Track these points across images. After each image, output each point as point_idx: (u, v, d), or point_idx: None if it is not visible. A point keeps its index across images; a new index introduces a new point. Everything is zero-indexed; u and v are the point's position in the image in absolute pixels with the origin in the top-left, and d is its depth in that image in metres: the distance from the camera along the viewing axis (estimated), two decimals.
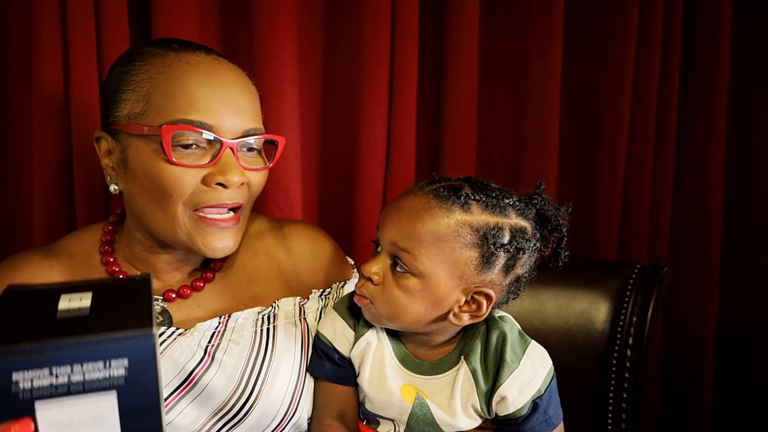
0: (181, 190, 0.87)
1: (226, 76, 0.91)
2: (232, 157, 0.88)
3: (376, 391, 0.90)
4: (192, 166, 0.87)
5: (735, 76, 1.61)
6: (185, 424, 0.87)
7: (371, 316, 0.89)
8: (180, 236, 0.89)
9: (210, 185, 0.87)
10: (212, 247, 0.90)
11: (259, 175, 0.94)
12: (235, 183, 0.88)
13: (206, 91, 0.87)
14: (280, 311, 0.97)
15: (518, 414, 0.85)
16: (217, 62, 0.92)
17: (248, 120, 0.90)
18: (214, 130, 0.87)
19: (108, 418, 0.61)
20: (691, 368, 1.68)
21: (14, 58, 1.18)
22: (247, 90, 0.93)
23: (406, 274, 0.84)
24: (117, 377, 0.61)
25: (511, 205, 0.85)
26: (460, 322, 0.86)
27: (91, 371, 0.60)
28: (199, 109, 0.86)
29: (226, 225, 0.90)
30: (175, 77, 0.88)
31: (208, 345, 0.90)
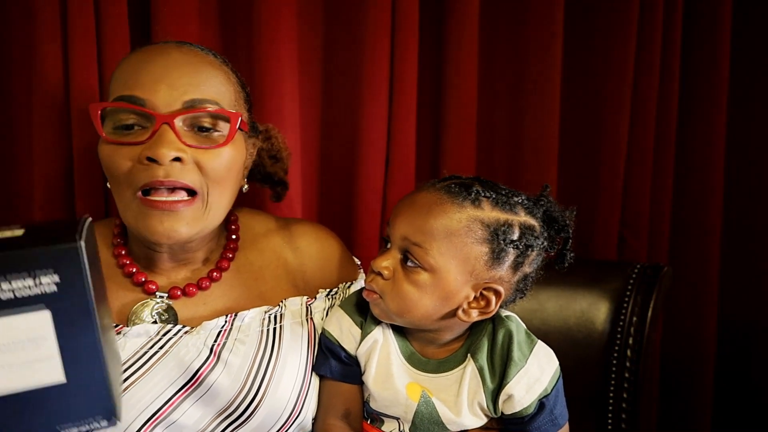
0: (118, 169, 0.85)
1: (169, 54, 0.88)
2: (168, 131, 0.84)
3: (381, 389, 0.90)
4: (125, 142, 0.85)
5: (735, 76, 1.61)
6: (190, 423, 0.87)
7: (380, 311, 0.89)
8: (131, 222, 0.87)
9: (142, 161, 0.84)
10: (153, 231, 0.85)
11: (212, 155, 0.87)
12: (165, 156, 0.82)
13: (142, 67, 0.86)
14: (286, 311, 0.97)
15: (525, 413, 0.86)
16: (173, 47, 0.90)
17: (187, 91, 0.86)
18: (147, 105, 0.84)
19: (44, 339, 0.61)
20: (691, 368, 1.68)
21: (14, 58, 1.18)
22: (196, 66, 0.89)
23: (417, 269, 0.85)
24: (48, 293, 0.60)
25: (520, 203, 0.87)
26: (469, 319, 0.87)
27: (21, 288, 0.60)
28: (132, 84, 0.85)
29: (168, 207, 0.85)
30: (125, 64, 0.89)
31: (214, 344, 0.89)
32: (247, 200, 1.25)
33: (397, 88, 1.36)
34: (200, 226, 0.89)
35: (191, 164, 0.86)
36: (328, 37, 1.36)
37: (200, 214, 0.88)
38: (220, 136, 0.89)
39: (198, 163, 0.86)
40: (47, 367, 0.62)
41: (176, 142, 0.84)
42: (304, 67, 1.34)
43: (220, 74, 0.92)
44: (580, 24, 1.51)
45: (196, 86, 0.87)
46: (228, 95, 0.91)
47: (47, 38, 1.13)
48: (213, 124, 0.89)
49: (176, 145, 0.84)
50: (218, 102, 0.89)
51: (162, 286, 0.95)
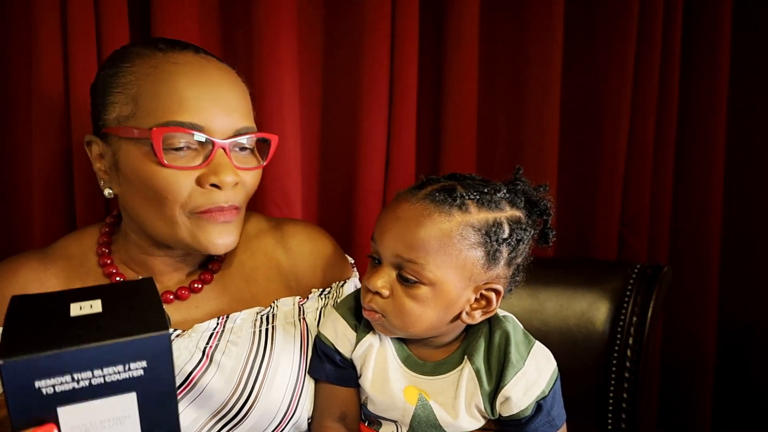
0: (176, 193, 0.86)
1: (214, 75, 0.89)
2: (224, 157, 0.87)
3: (378, 393, 0.89)
4: (184, 168, 0.85)
5: (735, 76, 1.61)
6: (185, 425, 0.87)
7: (383, 329, 0.88)
8: (182, 236, 0.88)
9: (204, 186, 0.86)
10: (214, 243, 0.89)
11: (252, 174, 0.93)
12: (229, 183, 0.87)
13: (195, 91, 0.86)
14: (279, 311, 0.96)
15: (522, 415, 0.85)
16: (205, 61, 0.91)
17: (239, 119, 0.89)
18: (205, 131, 0.85)
19: (129, 417, 0.64)
20: (691, 368, 1.68)
21: (14, 58, 1.18)
22: (236, 88, 0.91)
23: (416, 284, 0.83)
24: (136, 378, 0.62)
25: (503, 197, 0.85)
26: (473, 321, 0.87)
27: (111, 374, 0.62)
28: (189, 109, 0.85)
29: (225, 218, 0.89)
30: (162, 78, 0.86)
31: (207, 346, 0.89)
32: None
33: (397, 88, 1.36)
34: (239, 233, 0.94)
35: (240, 185, 0.90)
36: (328, 37, 1.36)
37: (240, 221, 0.94)
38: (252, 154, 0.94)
39: (243, 182, 0.90)
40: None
41: (232, 168, 0.88)
42: (304, 67, 1.34)
43: (247, 94, 0.95)
44: (580, 24, 1.51)
45: (241, 111, 0.90)
46: (252, 111, 0.95)
47: (47, 38, 1.13)
48: (252, 144, 0.93)
49: (233, 170, 0.88)
50: (254, 124, 0.93)
51: None
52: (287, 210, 1.32)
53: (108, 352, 0.61)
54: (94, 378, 0.61)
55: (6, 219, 1.22)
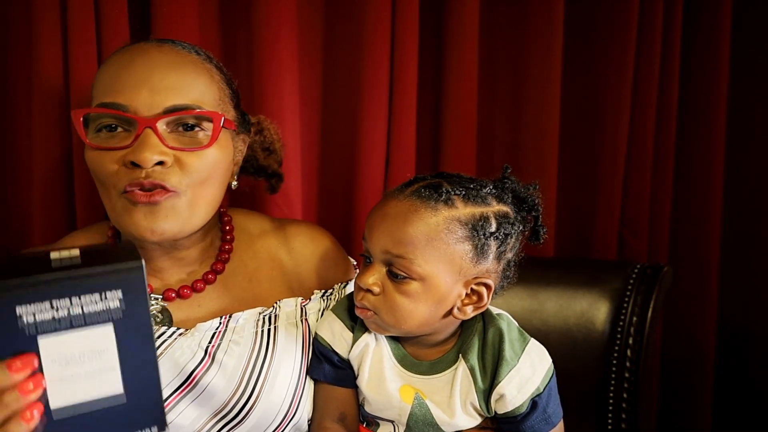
0: (104, 174, 0.85)
1: (150, 57, 0.87)
2: (151, 135, 0.83)
3: (375, 393, 0.90)
4: (109, 148, 0.85)
5: (735, 76, 1.61)
6: (185, 424, 0.87)
7: (376, 326, 0.89)
8: (117, 221, 0.87)
9: (126, 165, 0.84)
10: (138, 226, 0.84)
11: (194, 155, 0.86)
12: (147, 160, 0.82)
13: (123, 73, 0.86)
14: (281, 312, 0.96)
15: (517, 412, 0.86)
16: (154, 47, 0.89)
17: (169, 96, 0.85)
18: (129, 110, 0.84)
19: (107, 351, 0.65)
20: (691, 368, 1.67)
21: (14, 57, 1.18)
22: (178, 68, 0.88)
23: (406, 280, 0.84)
24: (113, 309, 0.65)
25: (490, 193, 0.87)
26: (465, 316, 0.87)
27: (89, 303, 0.64)
28: (114, 90, 0.85)
29: (149, 199, 0.83)
30: (107, 67, 0.89)
31: (209, 345, 0.89)
32: (247, 200, 1.25)
33: (397, 88, 1.36)
34: (182, 221, 0.87)
35: (173, 166, 0.85)
36: (328, 37, 1.36)
37: (181, 209, 0.86)
38: (204, 135, 0.88)
39: (180, 163, 0.86)
40: (108, 379, 0.66)
41: (159, 146, 0.83)
42: (304, 67, 1.34)
43: (202, 73, 0.90)
44: (580, 24, 1.51)
45: (177, 89, 0.86)
46: (210, 95, 0.90)
47: (47, 38, 1.13)
48: (197, 122, 0.88)
49: (159, 148, 0.83)
50: (200, 104, 0.88)
51: (156, 289, 0.95)
52: (287, 210, 1.32)
53: (84, 280, 0.63)
54: (73, 307, 0.63)
55: (6, 219, 1.22)
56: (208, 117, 0.88)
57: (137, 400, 0.67)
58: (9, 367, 0.62)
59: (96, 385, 0.66)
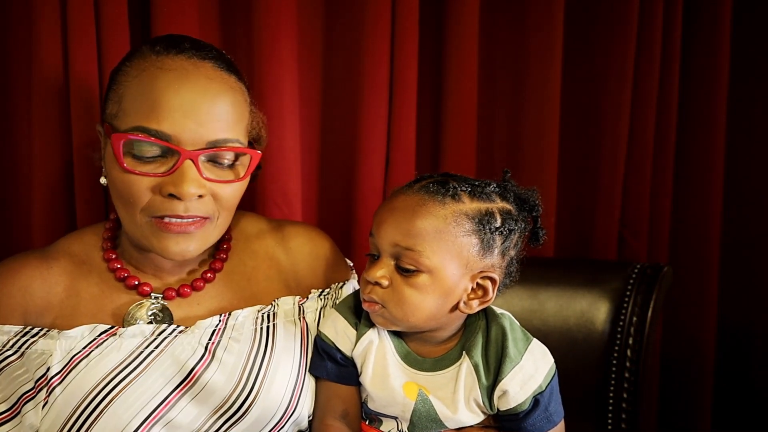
0: (136, 197, 0.86)
1: (197, 83, 0.87)
2: (191, 168, 0.85)
3: (378, 390, 0.90)
4: (146, 175, 0.85)
5: (735, 76, 1.61)
6: (186, 421, 0.87)
7: (383, 320, 0.89)
8: (140, 239, 0.90)
9: (163, 195, 0.85)
10: (168, 251, 0.88)
11: (229, 187, 0.90)
12: (188, 195, 0.84)
13: (170, 98, 0.84)
14: (279, 310, 0.97)
15: (519, 409, 0.87)
16: (194, 67, 0.88)
17: (215, 130, 0.86)
18: (172, 141, 0.84)
19: None
20: (691, 368, 1.67)
21: (14, 57, 1.18)
22: (222, 98, 0.88)
23: (415, 272, 0.85)
24: None
25: (494, 191, 0.89)
26: (471, 310, 0.88)
27: None
28: (158, 117, 0.84)
29: (181, 229, 0.87)
30: (144, 82, 0.86)
31: (209, 342, 0.90)
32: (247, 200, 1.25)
33: (397, 88, 1.36)
34: (209, 243, 0.93)
35: (208, 197, 0.88)
36: (328, 37, 1.36)
37: (209, 233, 0.91)
38: (239, 168, 0.91)
39: (214, 194, 0.89)
40: None
41: (199, 180, 0.85)
42: (304, 67, 1.34)
43: (239, 100, 0.91)
44: (580, 24, 1.51)
45: (221, 123, 0.87)
46: (245, 123, 0.92)
47: (47, 37, 1.13)
48: (232, 160, 0.91)
49: (199, 182, 0.85)
50: (239, 137, 0.90)
51: (156, 288, 0.96)
52: (287, 210, 1.32)
53: None
54: None
55: (6, 219, 1.22)
56: (247, 154, 0.91)
57: None
58: None
59: None
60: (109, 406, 0.84)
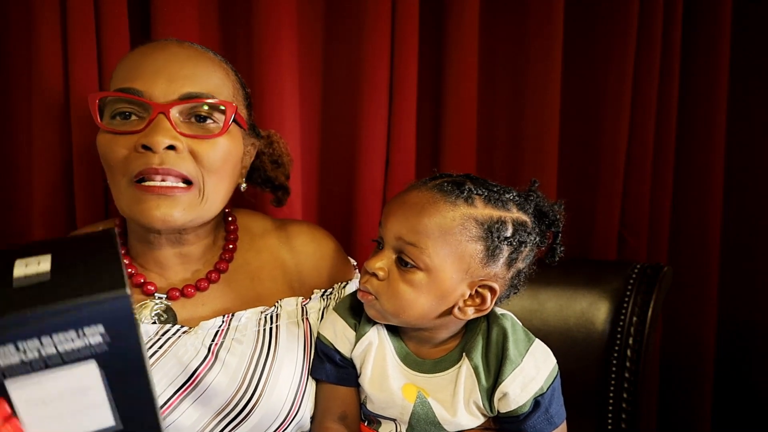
0: (114, 157, 0.86)
1: (170, 49, 0.91)
2: (163, 119, 0.85)
3: (377, 391, 0.90)
4: (122, 132, 0.86)
5: (735, 76, 1.61)
6: (188, 424, 0.87)
7: (375, 312, 0.89)
8: (126, 210, 0.88)
9: (138, 149, 0.85)
10: (149, 215, 0.85)
11: (207, 145, 0.88)
12: (159, 143, 0.83)
13: (142, 61, 0.89)
14: (282, 311, 0.97)
15: (520, 411, 0.86)
16: (173, 43, 0.93)
17: (185, 84, 0.87)
18: (144, 96, 0.86)
19: (92, 388, 0.58)
20: (691, 368, 1.67)
21: (14, 58, 1.18)
22: (195, 60, 0.91)
23: (413, 269, 0.84)
24: (95, 345, 0.56)
25: (512, 199, 0.87)
26: (465, 317, 0.87)
27: (64, 342, 0.55)
28: (131, 77, 0.87)
29: (163, 192, 0.85)
30: (126, 59, 0.91)
31: (212, 343, 0.90)
32: (246, 202, 1.25)
33: (397, 88, 1.36)
34: (195, 213, 0.89)
35: (186, 153, 0.87)
36: (328, 37, 1.36)
37: (196, 202, 0.88)
38: (216, 126, 0.90)
39: (193, 152, 0.87)
40: (98, 415, 0.59)
41: (171, 131, 0.85)
42: (304, 67, 1.34)
43: (218, 70, 0.93)
44: (580, 24, 1.51)
45: (194, 79, 0.88)
46: (226, 90, 0.93)
47: (47, 38, 1.13)
48: (209, 113, 0.89)
49: (171, 133, 0.85)
50: (215, 95, 0.90)
51: (161, 288, 0.96)
52: (287, 210, 1.32)
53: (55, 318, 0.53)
54: (44, 347, 0.54)
55: (6, 219, 1.22)
56: (221, 107, 0.90)
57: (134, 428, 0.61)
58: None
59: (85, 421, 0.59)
60: None
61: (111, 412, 0.59)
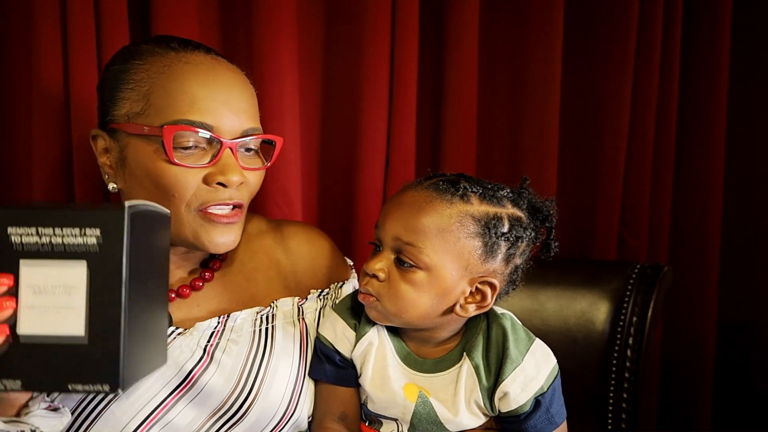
0: (184, 190, 0.87)
1: (225, 77, 0.91)
2: (231, 157, 0.89)
3: (378, 391, 0.90)
4: (192, 167, 0.87)
5: (735, 76, 1.61)
6: (184, 424, 0.87)
7: (377, 314, 0.89)
8: (185, 234, 0.90)
9: (211, 185, 0.88)
10: (215, 242, 0.90)
11: (256, 174, 0.94)
12: (235, 182, 0.88)
13: (206, 92, 0.88)
14: (278, 311, 0.97)
15: (520, 411, 0.86)
16: (216, 62, 0.93)
17: (247, 120, 0.91)
18: (214, 131, 0.87)
19: (76, 289, 0.68)
20: (691, 368, 1.67)
21: (14, 58, 1.18)
22: (246, 90, 0.93)
23: (413, 268, 0.84)
24: (90, 245, 0.67)
25: (506, 196, 0.88)
26: (466, 314, 0.87)
27: (69, 236, 0.67)
28: (200, 109, 0.87)
29: (229, 221, 0.91)
30: (174, 77, 0.88)
31: (207, 344, 0.90)
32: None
33: (397, 88, 1.36)
34: (240, 233, 0.96)
35: (244, 184, 0.91)
36: (328, 37, 1.36)
37: (242, 223, 0.95)
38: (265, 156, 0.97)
39: (246, 182, 0.92)
40: (72, 318, 0.68)
41: (238, 168, 0.89)
42: (304, 67, 1.34)
43: (253, 93, 0.96)
44: (581, 24, 1.51)
45: (251, 113, 0.92)
46: (258, 113, 0.96)
47: (47, 38, 1.13)
48: (257, 145, 0.95)
49: (239, 170, 0.89)
50: (260, 126, 0.95)
51: None
52: (287, 210, 1.32)
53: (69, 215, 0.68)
54: (55, 236, 0.67)
55: None
56: (273, 141, 0.96)
57: (95, 347, 0.68)
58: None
59: (60, 322, 0.68)
60: (107, 407, 0.84)
61: (83, 321, 0.68)
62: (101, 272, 0.68)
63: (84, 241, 0.67)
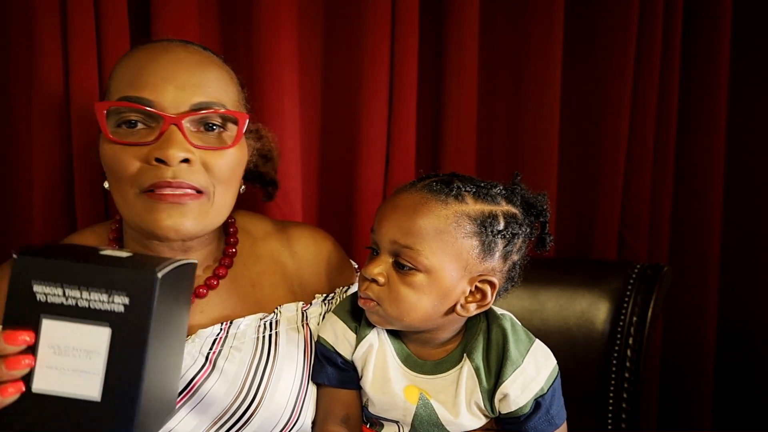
0: (124, 170, 0.84)
1: (176, 55, 0.87)
2: (177, 132, 0.83)
3: (379, 393, 0.90)
4: (132, 143, 0.84)
5: (735, 76, 1.60)
6: (186, 431, 0.87)
7: (378, 318, 0.89)
8: (134, 219, 0.86)
9: (150, 162, 0.83)
10: (161, 225, 0.83)
11: (218, 156, 0.86)
12: (174, 158, 0.81)
13: (148, 68, 0.85)
14: (282, 317, 0.96)
15: (520, 412, 0.86)
16: (179, 46, 0.90)
17: (194, 94, 0.85)
18: (155, 106, 0.83)
19: (97, 354, 0.66)
20: (691, 368, 1.67)
21: (14, 58, 1.18)
22: (204, 68, 0.88)
23: (412, 271, 0.84)
24: (116, 312, 0.65)
25: (499, 193, 0.88)
26: (468, 313, 0.87)
27: (95, 300, 0.65)
28: (138, 84, 0.84)
29: (175, 200, 0.83)
30: (128, 61, 0.88)
31: (210, 352, 0.89)
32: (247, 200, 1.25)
33: (397, 88, 1.36)
34: (205, 222, 0.87)
35: (198, 165, 0.85)
36: (328, 37, 1.36)
37: (206, 209, 0.87)
38: (228, 136, 0.89)
39: (205, 163, 0.85)
40: (90, 381, 0.66)
41: (184, 143, 0.83)
42: (304, 67, 1.34)
43: (225, 75, 0.91)
44: (581, 24, 1.51)
45: (203, 87, 0.86)
46: (233, 96, 0.91)
47: (47, 38, 1.13)
48: (221, 124, 0.89)
49: (184, 146, 0.83)
50: (224, 103, 0.88)
51: None
52: (287, 210, 1.32)
53: (97, 275, 0.65)
54: (81, 299, 0.65)
55: (6, 219, 1.22)
56: (233, 117, 0.89)
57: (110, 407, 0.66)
58: (6, 338, 0.64)
59: (77, 383, 0.66)
60: None
61: (98, 384, 0.66)
62: (124, 335, 0.65)
63: (111, 308, 0.65)
